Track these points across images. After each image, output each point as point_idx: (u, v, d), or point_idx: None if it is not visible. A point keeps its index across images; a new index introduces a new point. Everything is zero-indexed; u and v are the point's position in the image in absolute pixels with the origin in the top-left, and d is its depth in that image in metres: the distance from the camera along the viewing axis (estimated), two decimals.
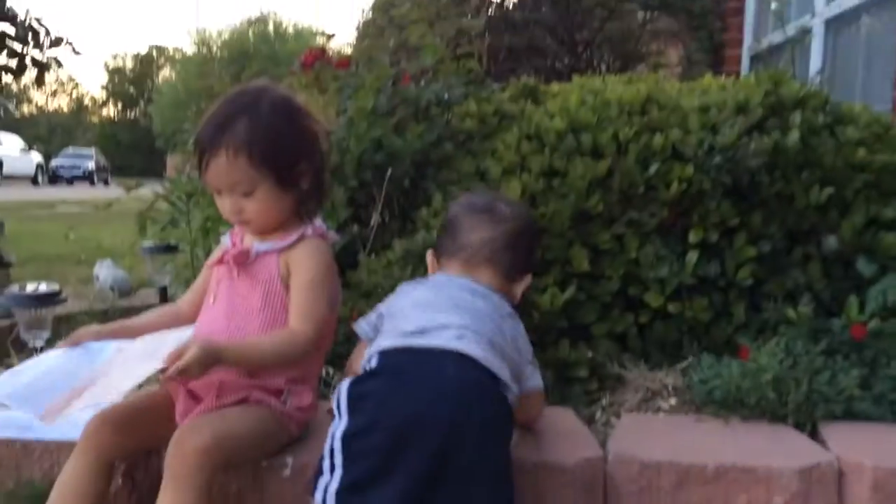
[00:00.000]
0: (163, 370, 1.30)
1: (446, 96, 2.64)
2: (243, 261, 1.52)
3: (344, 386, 1.33)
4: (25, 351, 2.11)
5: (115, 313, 2.72)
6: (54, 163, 27.26)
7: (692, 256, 2.11)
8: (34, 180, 24.85)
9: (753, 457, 1.48)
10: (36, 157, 25.53)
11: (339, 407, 1.32)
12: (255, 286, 1.52)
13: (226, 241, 1.63)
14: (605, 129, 2.21)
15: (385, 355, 1.37)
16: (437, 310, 1.44)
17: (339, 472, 1.26)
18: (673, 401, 1.87)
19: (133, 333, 1.51)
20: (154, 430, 1.45)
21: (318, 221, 1.61)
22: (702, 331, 2.16)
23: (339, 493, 1.25)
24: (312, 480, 1.31)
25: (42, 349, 2.04)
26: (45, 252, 5.85)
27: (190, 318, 1.62)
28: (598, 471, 1.50)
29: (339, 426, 1.30)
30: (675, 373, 2.07)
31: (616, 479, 1.49)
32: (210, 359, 1.34)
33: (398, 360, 1.35)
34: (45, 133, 42.20)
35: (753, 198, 2.15)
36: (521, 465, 1.47)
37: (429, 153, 2.61)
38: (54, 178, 25.99)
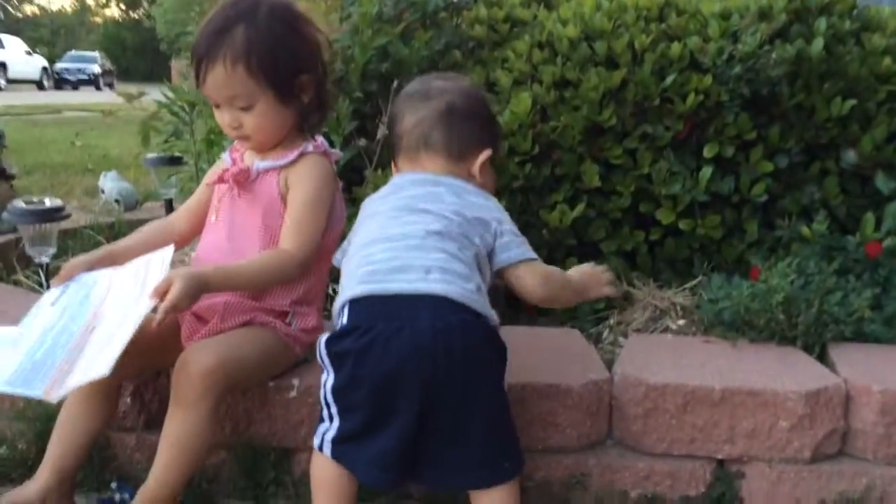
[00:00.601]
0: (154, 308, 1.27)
1: (455, 0, 2.53)
2: (244, 180, 1.48)
3: (322, 343, 1.28)
4: (31, 266, 2.10)
5: (121, 227, 2.70)
6: (58, 66, 26.90)
7: (706, 172, 2.05)
8: (39, 84, 24.61)
9: (760, 380, 1.47)
10: (40, 60, 25.21)
11: (322, 361, 1.29)
12: (255, 205, 1.48)
13: (225, 157, 1.58)
14: (620, 37, 2.11)
15: (355, 306, 1.27)
16: (398, 236, 1.33)
17: (336, 421, 1.27)
18: (681, 321, 1.85)
19: (123, 258, 1.47)
20: (160, 352, 1.45)
21: (320, 138, 1.56)
22: (713, 249, 2.13)
23: (334, 440, 1.27)
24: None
25: (48, 265, 2.03)
26: (50, 161, 5.81)
27: (184, 236, 1.59)
28: (604, 393, 1.49)
29: (327, 379, 1.28)
30: (685, 292, 2.05)
31: (622, 401, 1.49)
32: (196, 289, 1.30)
33: (369, 313, 1.25)
34: (49, 35, 41.44)
35: (772, 110, 2.08)
36: (527, 387, 1.47)
37: (437, 62, 2.52)
38: (59, 83, 25.69)
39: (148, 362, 1.46)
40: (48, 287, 2.03)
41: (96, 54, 29.48)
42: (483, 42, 2.42)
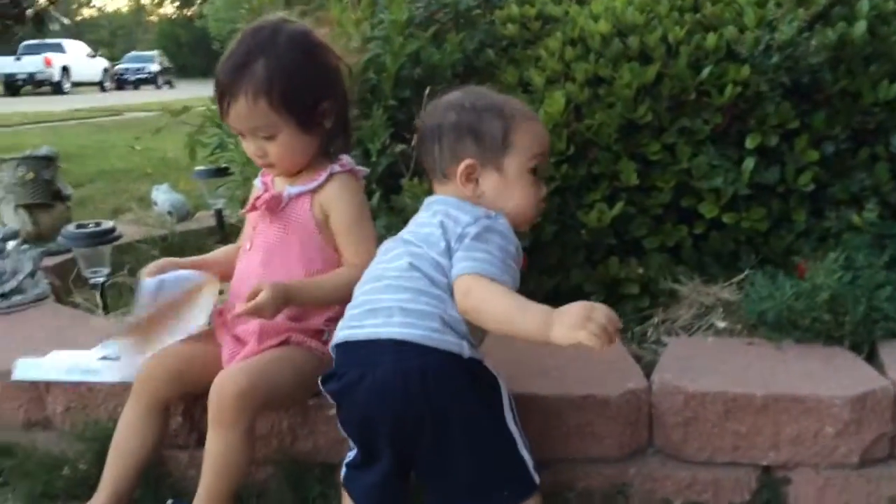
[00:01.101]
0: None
1: None
2: (275, 206, 1.51)
3: (319, 381, 1.34)
4: (86, 287, 2.19)
5: (174, 238, 2.78)
6: (119, 67, 27.64)
7: (749, 163, 2.01)
8: (101, 86, 25.31)
9: (804, 385, 1.44)
10: (101, 62, 25.91)
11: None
12: (288, 230, 1.52)
13: (258, 184, 1.62)
14: (653, 30, 2.07)
15: (337, 350, 1.31)
16: (377, 276, 1.32)
17: (355, 449, 1.34)
18: (722, 323, 1.82)
19: (210, 269, 1.60)
20: (203, 375, 1.49)
21: (346, 157, 1.58)
22: (760, 241, 2.09)
23: (347, 465, 1.35)
24: None
25: (103, 285, 2.11)
26: (111, 167, 6.00)
27: None
28: (643, 403, 1.48)
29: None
30: (732, 287, 2.01)
31: (660, 410, 1.48)
32: (282, 299, 1.39)
33: (342, 360, 1.29)
34: (108, 36, 42.53)
35: (816, 96, 2.02)
36: (563, 399, 1.48)
37: (472, 62, 2.52)
38: (120, 83, 26.40)
39: (192, 383, 1.51)
40: (105, 307, 2.12)
41: (154, 53, 30.19)
42: (516, 41, 2.40)
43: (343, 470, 1.35)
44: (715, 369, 1.53)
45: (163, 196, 3.03)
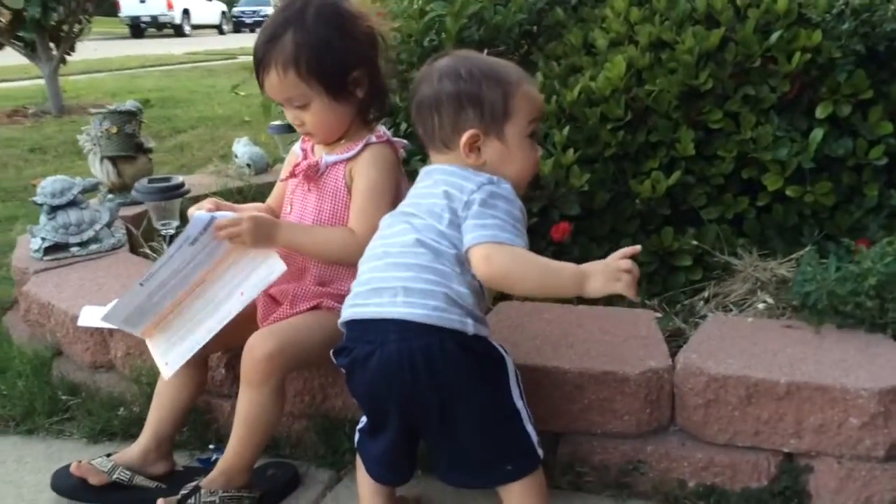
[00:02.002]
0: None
1: None
2: (313, 174, 1.55)
3: (332, 355, 1.35)
4: (159, 238, 2.32)
5: (250, 191, 2.89)
6: (236, 10, 28.34)
7: (817, 134, 1.91)
8: (220, 29, 26.08)
9: (831, 374, 1.38)
10: (219, 5, 26.64)
11: None
12: (323, 197, 1.56)
13: (296, 149, 1.66)
14: None
15: (346, 328, 1.33)
16: (380, 254, 1.31)
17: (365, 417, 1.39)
18: (763, 304, 1.76)
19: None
20: (241, 332, 1.56)
21: (382, 128, 1.60)
22: (825, 216, 2.00)
23: (359, 431, 1.40)
24: None
25: (172, 236, 2.23)
26: (213, 113, 6.22)
27: None
28: (664, 382, 1.47)
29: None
30: (790, 263, 1.94)
31: (682, 390, 1.46)
32: (262, 230, 1.46)
33: (351, 336, 1.30)
34: None
35: (893, 65, 1.89)
36: (584, 373, 1.48)
37: (539, 20, 2.47)
38: (238, 26, 27.10)
39: (230, 339, 1.59)
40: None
41: None
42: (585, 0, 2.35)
43: (356, 435, 1.41)
44: (744, 351, 1.49)
45: (242, 149, 3.14)
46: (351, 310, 1.30)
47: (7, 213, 3.42)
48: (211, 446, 1.69)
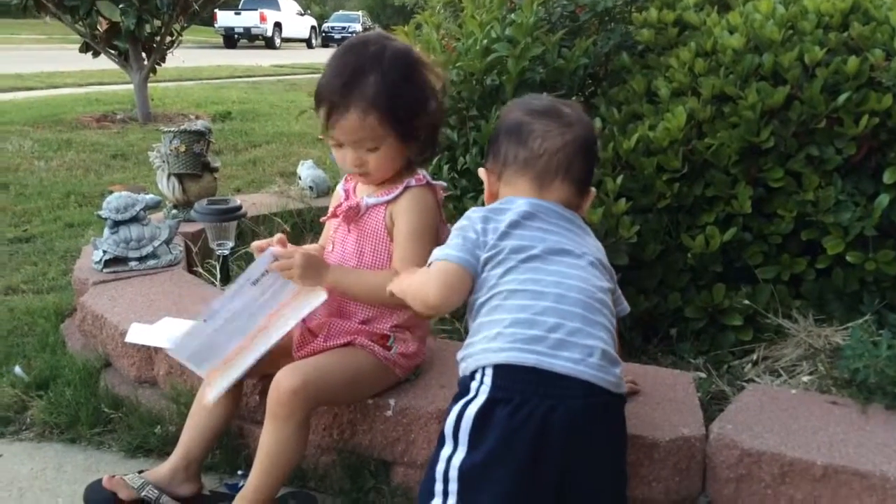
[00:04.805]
0: None
1: None
2: (353, 216, 1.57)
3: (458, 412, 1.20)
4: (213, 257, 2.38)
5: (308, 214, 2.94)
6: (326, 26, 29.12)
7: (883, 200, 1.83)
8: (308, 43, 26.76)
9: (874, 459, 1.32)
10: (310, 20, 27.38)
11: (455, 433, 1.20)
12: (364, 238, 1.58)
13: (339, 191, 1.68)
14: (790, 49, 1.92)
15: (503, 372, 1.19)
16: (556, 296, 1.24)
17: (452, 499, 1.18)
18: (812, 372, 1.69)
19: None
20: (277, 361, 1.59)
21: (422, 171, 1.61)
22: (887, 285, 1.91)
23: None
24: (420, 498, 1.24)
25: (225, 257, 2.29)
26: (288, 129, 6.36)
27: None
28: (695, 451, 1.42)
29: (454, 455, 1.19)
30: (847, 330, 1.86)
31: (714, 461, 1.41)
32: (311, 267, 1.49)
33: (521, 387, 1.17)
34: None
35: None
36: None
37: (606, 64, 2.45)
38: (326, 41, 27.78)
39: (266, 367, 1.61)
40: (224, 279, 2.31)
41: (359, 14, 31.55)
42: (652, 46, 2.31)
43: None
44: (783, 426, 1.43)
45: (306, 171, 3.21)
46: (528, 356, 1.18)
47: (82, 218, 3.57)
48: (239, 472, 1.71)
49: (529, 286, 1.26)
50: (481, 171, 1.50)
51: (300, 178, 3.24)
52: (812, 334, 1.89)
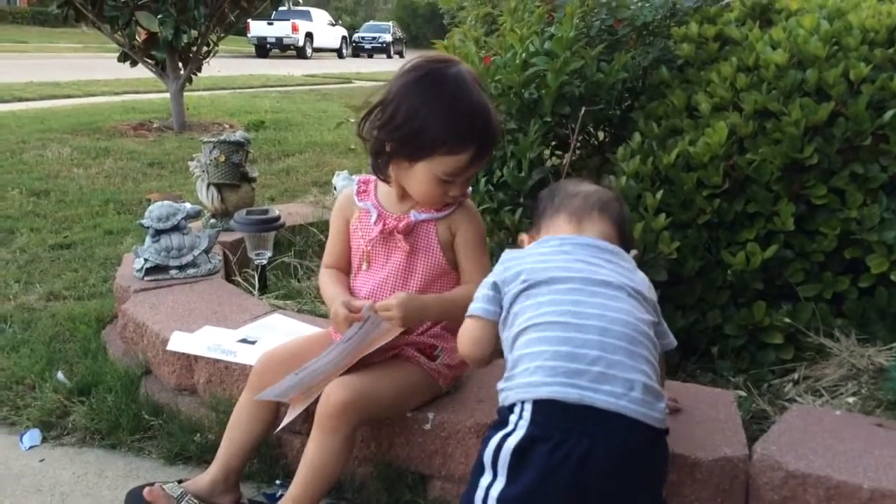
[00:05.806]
0: None
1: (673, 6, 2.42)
2: (407, 232, 1.57)
3: (496, 444, 1.19)
4: (251, 266, 2.40)
5: None
6: (356, 36, 29.37)
7: None
8: (339, 53, 27.00)
9: None
10: (340, 30, 27.64)
11: (494, 463, 1.19)
12: (415, 254, 1.58)
13: (364, 206, 1.63)
14: (835, 65, 1.91)
15: (543, 407, 1.17)
16: (599, 328, 1.22)
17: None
18: (856, 394, 1.66)
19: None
20: None
21: None
22: None
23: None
24: None
25: (263, 267, 2.31)
26: (321, 139, 6.40)
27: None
28: (738, 472, 1.40)
29: (493, 484, 1.18)
30: (892, 351, 1.83)
31: (758, 482, 1.39)
32: (412, 313, 1.48)
33: (560, 424, 1.16)
34: (351, 4, 45.11)
35: None
36: None
37: (644, 78, 2.45)
38: (356, 51, 28.01)
39: None
40: (262, 288, 2.33)
41: (389, 24, 31.78)
42: (692, 60, 2.30)
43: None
44: (828, 448, 1.41)
45: (341, 182, 3.21)
46: (568, 390, 1.17)
47: (120, 226, 3.62)
48: (277, 482, 1.72)
49: (569, 318, 1.24)
50: (521, 237, 1.52)
51: (335, 188, 3.25)
52: (854, 354, 1.86)
